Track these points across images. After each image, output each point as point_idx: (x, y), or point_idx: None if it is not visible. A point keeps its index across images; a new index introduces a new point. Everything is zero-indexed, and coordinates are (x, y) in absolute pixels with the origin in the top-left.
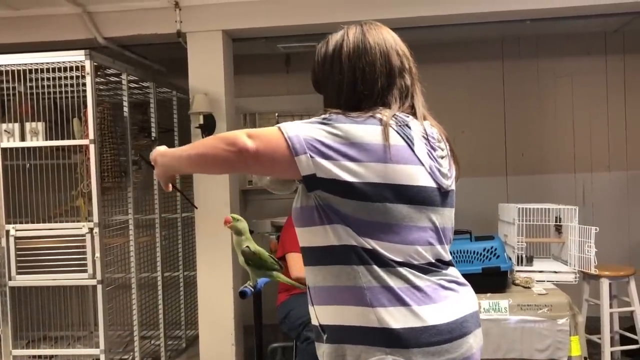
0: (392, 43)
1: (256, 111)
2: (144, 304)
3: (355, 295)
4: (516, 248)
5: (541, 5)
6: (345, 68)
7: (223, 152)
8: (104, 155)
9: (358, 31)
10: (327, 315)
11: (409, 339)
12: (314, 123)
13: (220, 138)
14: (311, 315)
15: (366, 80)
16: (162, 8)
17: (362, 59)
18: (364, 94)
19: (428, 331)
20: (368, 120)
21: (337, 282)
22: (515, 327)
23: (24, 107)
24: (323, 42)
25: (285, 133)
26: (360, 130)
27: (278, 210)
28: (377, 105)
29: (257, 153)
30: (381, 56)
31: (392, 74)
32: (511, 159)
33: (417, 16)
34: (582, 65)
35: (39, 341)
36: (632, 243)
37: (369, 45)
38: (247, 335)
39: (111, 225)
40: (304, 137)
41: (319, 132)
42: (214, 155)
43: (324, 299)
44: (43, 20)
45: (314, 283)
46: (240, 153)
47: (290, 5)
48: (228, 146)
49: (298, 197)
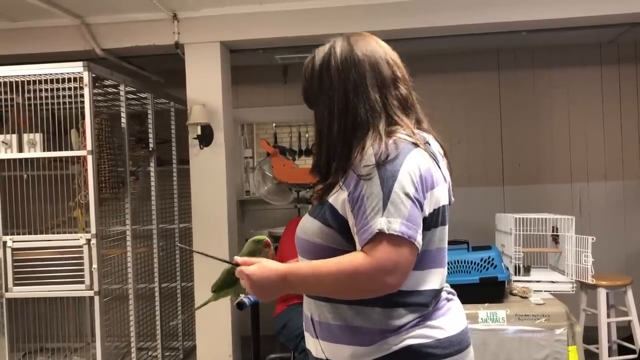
0: (382, 53)
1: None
2: (141, 315)
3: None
4: (513, 258)
5: (537, 17)
6: (335, 82)
7: (361, 293)
8: (102, 166)
9: (345, 43)
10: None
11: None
12: (397, 186)
13: (356, 282)
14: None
15: (358, 94)
16: (160, 20)
17: (351, 72)
18: (361, 108)
19: (442, 343)
20: (407, 147)
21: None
22: (513, 337)
23: (22, 118)
24: (310, 57)
25: (403, 235)
26: (422, 163)
27: (276, 220)
28: (379, 119)
29: (400, 283)
30: (371, 67)
31: (385, 84)
32: (508, 169)
33: (414, 27)
34: (578, 76)
35: (36, 353)
36: (628, 252)
37: (357, 58)
38: (245, 346)
39: (109, 236)
40: (408, 219)
41: (410, 203)
42: (349, 295)
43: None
44: (41, 32)
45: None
46: (384, 291)
47: (288, 16)
48: (369, 292)
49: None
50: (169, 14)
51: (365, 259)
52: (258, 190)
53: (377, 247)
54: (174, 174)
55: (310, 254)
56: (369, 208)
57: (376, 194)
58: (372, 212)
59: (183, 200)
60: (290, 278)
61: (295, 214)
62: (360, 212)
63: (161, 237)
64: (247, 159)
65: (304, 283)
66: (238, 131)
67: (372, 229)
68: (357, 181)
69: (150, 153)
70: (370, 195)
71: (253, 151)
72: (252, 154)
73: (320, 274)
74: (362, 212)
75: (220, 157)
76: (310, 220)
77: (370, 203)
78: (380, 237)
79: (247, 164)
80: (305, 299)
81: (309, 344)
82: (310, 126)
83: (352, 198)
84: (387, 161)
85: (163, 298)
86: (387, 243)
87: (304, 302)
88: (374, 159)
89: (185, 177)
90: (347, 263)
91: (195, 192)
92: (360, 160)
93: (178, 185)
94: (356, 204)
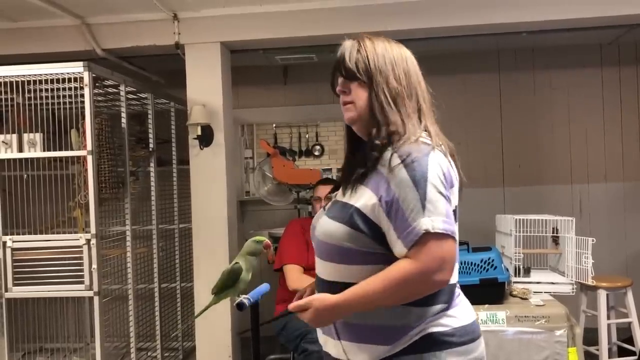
0: (413, 59)
1: (254, 122)
2: (141, 316)
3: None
4: (513, 259)
5: (537, 18)
6: (400, 74)
7: (415, 296)
8: (102, 167)
9: (381, 43)
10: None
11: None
12: (430, 185)
13: (410, 289)
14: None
15: (396, 98)
16: (161, 20)
17: (393, 72)
18: (395, 111)
19: (459, 332)
20: (427, 149)
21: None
22: (513, 339)
23: (22, 118)
24: (348, 47)
25: (447, 232)
26: (442, 163)
27: (275, 221)
28: (406, 123)
29: (450, 276)
30: (405, 72)
31: (413, 89)
32: (508, 170)
33: (414, 28)
34: (578, 77)
35: (35, 353)
36: (629, 254)
37: (395, 60)
38: (245, 347)
39: (108, 237)
40: (447, 216)
41: (443, 200)
42: (405, 301)
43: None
44: (41, 32)
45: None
46: (437, 289)
47: (288, 17)
48: (424, 293)
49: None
50: (169, 14)
51: (413, 265)
52: (258, 191)
53: (424, 248)
54: (174, 174)
55: (338, 258)
56: (408, 210)
57: (412, 195)
58: (412, 214)
59: (183, 201)
60: (343, 310)
61: (295, 214)
62: (399, 216)
63: (161, 237)
64: (247, 159)
65: (358, 308)
66: (238, 132)
67: (418, 230)
68: (388, 185)
69: (150, 153)
70: (406, 198)
71: (253, 152)
72: (252, 154)
73: (371, 296)
74: (401, 215)
75: (220, 158)
76: (331, 223)
77: (408, 205)
78: (427, 237)
79: (247, 165)
80: None
81: (329, 346)
82: (310, 127)
83: (386, 202)
84: (414, 162)
85: (163, 298)
86: (434, 242)
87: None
88: (399, 160)
89: (185, 178)
90: (393, 273)
91: (195, 192)
92: (387, 162)
93: (178, 186)
94: (392, 208)
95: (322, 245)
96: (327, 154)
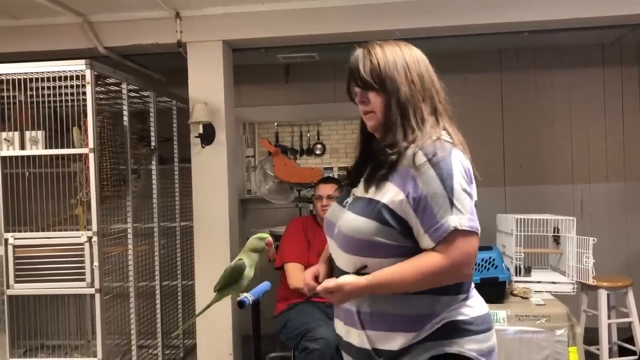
0: (428, 61)
1: (255, 121)
2: (142, 313)
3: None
4: (514, 258)
5: (539, 18)
6: (414, 78)
7: (438, 285)
8: (104, 164)
9: (397, 48)
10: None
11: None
12: (456, 183)
13: (437, 280)
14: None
15: (415, 97)
16: (163, 18)
17: (414, 75)
18: (416, 110)
19: (476, 320)
20: (449, 147)
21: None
22: (514, 338)
23: (24, 115)
24: (364, 52)
25: (473, 230)
26: (464, 161)
27: (277, 219)
28: (427, 121)
29: (472, 271)
30: (426, 73)
31: (433, 90)
32: (509, 169)
33: (416, 27)
34: (580, 77)
35: (36, 350)
36: (630, 254)
37: (417, 62)
38: (245, 345)
39: (110, 234)
40: (472, 213)
41: (468, 198)
42: (426, 288)
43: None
44: (44, 30)
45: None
46: (460, 281)
47: (290, 16)
48: (446, 284)
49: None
50: (171, 12)
51: (443, 259)
52: (259, 189)
53: (452, 244)
54: (176, 173)
55: (366, 252)
56: (436, 207)
57: (439, 192)
58: (440, 211)
59: (184, 199)
60: (370, 292)
61: (296, 213)
62: (427, 212)
63: (162, 235)
64: (248, 157)
65: (383, 291)
66: (240, 130)
67: (447, 227)
68: (414, 182)
69: (152, 151)
70: (434, 195)
71: (255, 150)
72: (253, 152)
73: (401, 283)
74: (429, 211)
75: (221, 156)
76: (358, 218)
77: (436, 202)
78: (455, 234)
79: (248, 163)
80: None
81: (352, 336)
82: (312, 125)
83: (413, 199)
84: (439, 160)
85: (164, 296)
86: (461, 239)
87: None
88: (424, 158)
89: (187, 176)
90: (425, 265)
91: (196, 190)
92: (411, 159)
93: (179, 184)
94: (419, 205)
95: (347, 240)
96: (328, 152)
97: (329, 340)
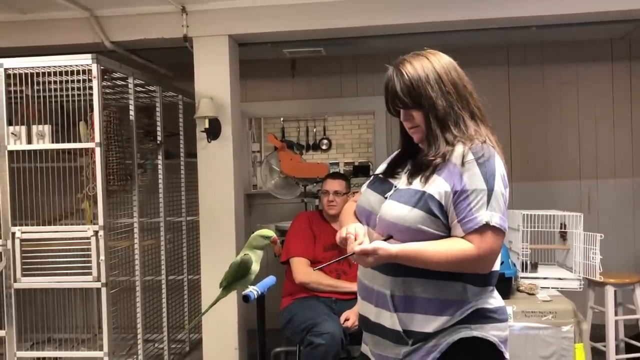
0: (460, 69)
1: (261, 116)
2: (148, 307)
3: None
4: (521, 254)
5: (547, 12)
6: (449, 89)
7: (464, 271)
8: (110, 159)
9: (436, 58)
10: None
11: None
12: (496, 184)
13: (462, 265)
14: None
15: (461, 101)
16: (169, 13)
17: (453, 82)
18: (463, 113)
19: (499, 310)
20: (492, 150)
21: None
22: (520, 334)
23: (31, 110)
24: (407, 63)
25: (502, 228)
26: (502, 167)
27: (282, 214)
28: (470, 124)
29: (493, 266)
30: (464, 79)
31: (471, 96)
32: (516, 165)
33: (422, 22)
34: (588, 72)
35: (43, 343)
36: (637, 250)
37: (455, 70)
38: (251, 339)
39: (116, 228)
40: (503, 213)
41: (502, 199)
42: (450, 270)
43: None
44: (50, 24)
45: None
46: (479, 272)
47: (296, 10)
48: (467, 272)
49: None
50: (177, 6)
51: (472, 249)
52: (265, 184)
53: (482, 237)
54: (182, 167)
55: (409, 238)
56: (474, 201)
57: (480, 189)
58: (476, 205)
59: (190, 193)
60: (397, 261)
61: (302, 208)
62: (465, 204)
63: (168, 229)
64: (254, 152)
65: (410, 263)
66: (246, 125)
67: (479, 220)
68: (460, 177)
69: (158, 146)
70: (475, 190)
71: (260, 145)
72: (259, 147)
73: (429, 259)
74: (467, 204)
75: (227, 151)
76: (403, 207)
77: (476, 196)
78: (485, 228)
79: (254, 158)
80: (380, 277)
81: (383, 317)
82: (318, 121)
83: (456, 192)
84: (485, 160)
85: (170, 290)
86: (490, 233)
87: (375, 281)
88: (472, 157)
89: (193, 170)
90: (456, 249)
91: (202, 185)
92: (460, 156)
93: (185, 178)
94: (460, 197)
95: (390, 226)
96: (334, 148)
97: (334, 335)
